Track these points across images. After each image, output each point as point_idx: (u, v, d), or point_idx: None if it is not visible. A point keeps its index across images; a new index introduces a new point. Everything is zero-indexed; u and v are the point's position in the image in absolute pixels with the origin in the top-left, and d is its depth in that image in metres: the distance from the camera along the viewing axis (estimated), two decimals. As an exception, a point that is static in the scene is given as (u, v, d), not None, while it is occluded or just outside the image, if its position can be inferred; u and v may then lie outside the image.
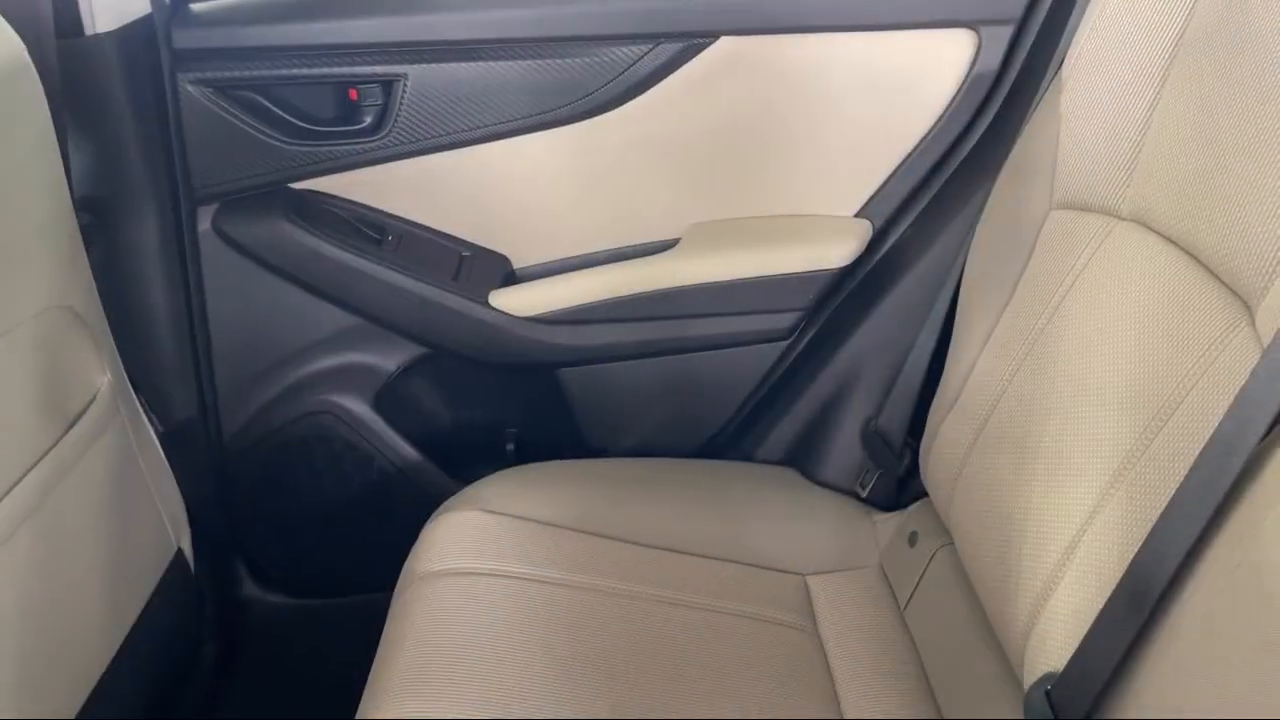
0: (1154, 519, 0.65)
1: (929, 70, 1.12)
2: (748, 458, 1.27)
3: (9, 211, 0.87)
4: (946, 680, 0.94)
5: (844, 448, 1.21)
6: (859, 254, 1.19)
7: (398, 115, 1.14)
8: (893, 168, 1.17)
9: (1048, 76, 1.03)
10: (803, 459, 1.24)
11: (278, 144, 1.14)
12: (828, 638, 1.01)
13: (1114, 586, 0.67)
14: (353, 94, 1.14)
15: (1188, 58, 0.81)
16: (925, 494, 1.05)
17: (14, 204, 0.88)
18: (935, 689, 0.95)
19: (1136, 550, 0.65)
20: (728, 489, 1.19)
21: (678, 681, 0.92)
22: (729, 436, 1.28)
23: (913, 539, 1.07)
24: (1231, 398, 0.61)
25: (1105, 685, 0.65)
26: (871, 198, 1.19)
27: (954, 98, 1.13)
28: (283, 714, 1.26)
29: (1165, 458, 0.69)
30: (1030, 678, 0.75)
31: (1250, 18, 0.73)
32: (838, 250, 1.18)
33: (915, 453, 1.08)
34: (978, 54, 1.11)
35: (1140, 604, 0.64)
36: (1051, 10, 1.07)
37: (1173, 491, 0.64)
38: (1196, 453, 0.63)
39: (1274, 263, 0.65)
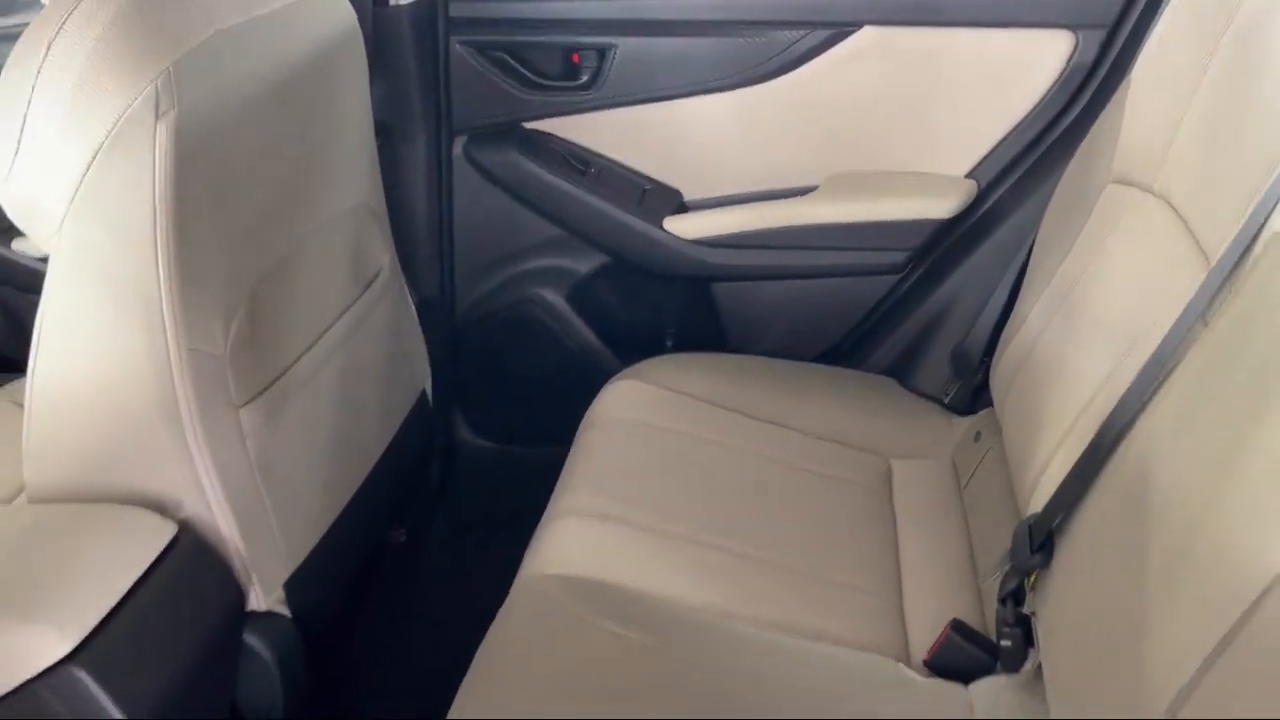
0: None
1: (1033, 62, 1.38)
2: (857, 367, 1.57)
3: (343, 134, 1.26)
4: (985, 535, 1.24)
5: (935, 364, 1.50)
6: (964, 208, 1.46)
7: (608, 76, 1.48)
8: (997, 140, 1.43)
9: (1129, 73, 1.27)
10: (900, 371, 1.54)
11: (516, 93, 1.51)
12: (898, 501, 1.32)
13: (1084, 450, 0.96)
14: (575, 58, 1.49)
15: (1219, 64, 1.04)
16: (991, 403, 1.34)
17: (345, 129, 1.27)
18: (974, 543, 1.25)
19: (1102, 422, 0.94)
20: (836, 387, 1.50)
21: (781, 513, 1.26)
22: (843, 349, 1.59)
23: (977, 436, 1.36)
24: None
25: (1059, 523, 0.95)
26: (978, 163, 1.46)
27: (1052, 86, 1.38)
28: (480, 527, 1.67)
29: (1134, 365, 0.97)
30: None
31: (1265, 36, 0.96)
32: (946, 203, 1.46)
33: (988, 370, 1.36)
34: (1075, 51, 1.36)
35: (1096, 460, 0.92)
36: (1139, 18, 1.31)
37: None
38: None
39: (1231, 225, 0.90)
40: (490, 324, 1.66)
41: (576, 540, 1.17)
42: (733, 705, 0.96)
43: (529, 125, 1.55)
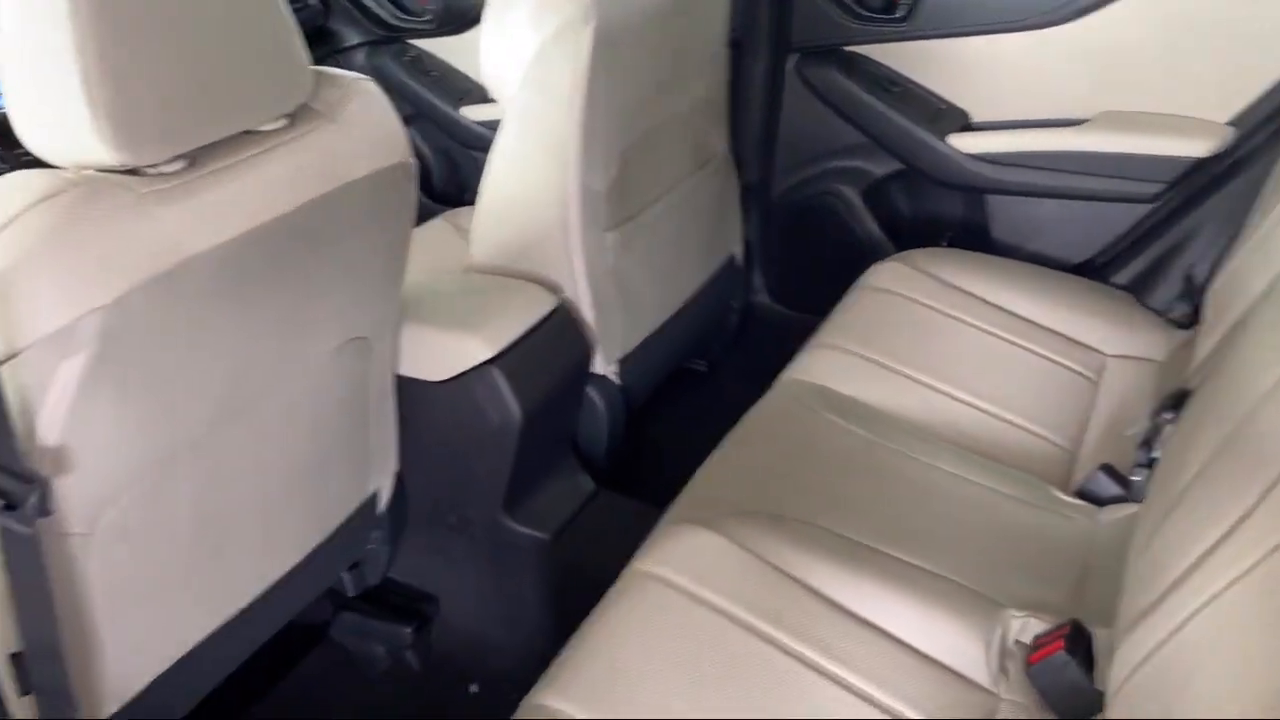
0: None
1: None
2: (1101, 280, 1.81)
3: (703, 44, 1.70)
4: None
5: (1169, 287, 1.72)
6: (1219, 151, 1.65)
7: (921, 12, 1.80)
8: (1260, 93, 1.61)
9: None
10: (1139, 289, 1.77)
11: (844, 21, 1.87)
12: (1102, 389, 1.59)
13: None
14: (896, -5, 1.83)
15: None
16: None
17: (704, 40, 1.71)
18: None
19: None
20: (1077, 294, 1.75)
21: (997, 377, 1.57)
22: (1093, 264, 1.83)
23: (1187, 346, 1.58)
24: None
25: (1195, 386, 1.21)
26: (1239, 113, 1.64)
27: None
28: (763, 373, 2.09)
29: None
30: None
31: None
32: (1203, 144, 1.66)
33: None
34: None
35: (1229, 340, 1.18)
36: None
37: None
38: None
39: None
40: (796, 209, 2.06)
41: (824, 363, 1.57)
42: (928, 495, 1.33)
43: (849, 49, 1.91)
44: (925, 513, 1.30)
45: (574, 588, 1.17)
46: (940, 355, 1.59)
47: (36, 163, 0.91)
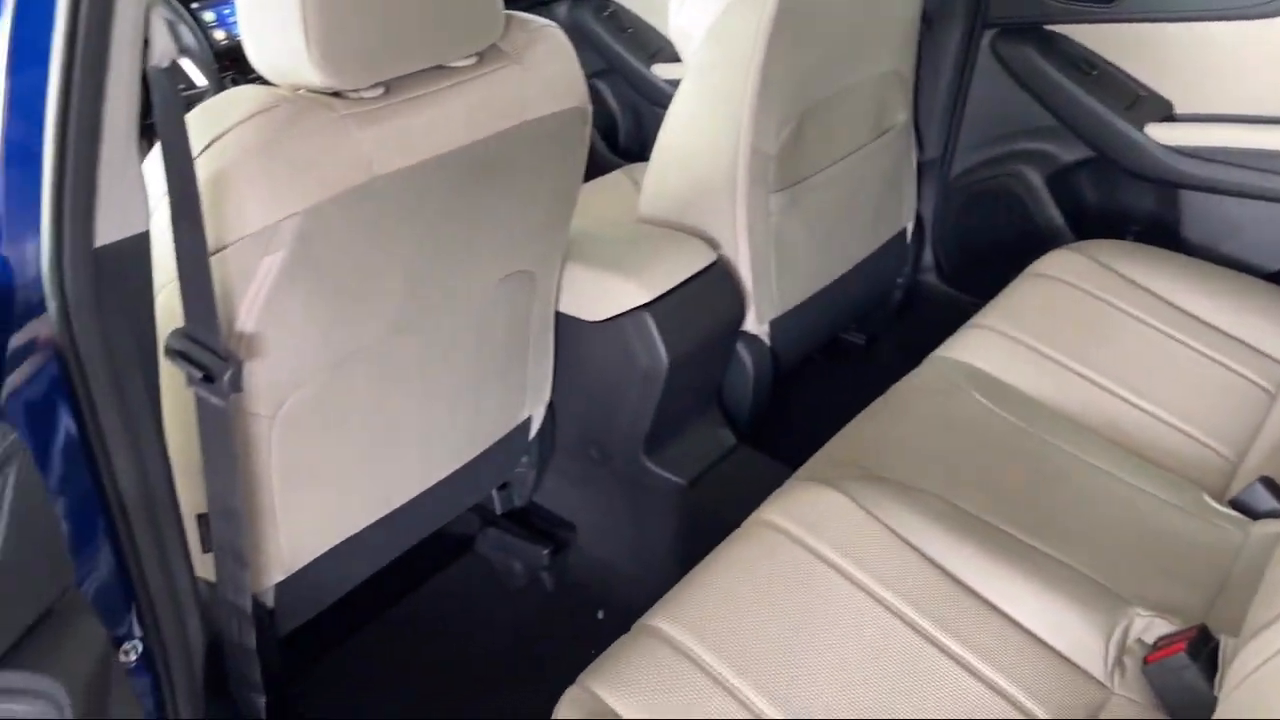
0: None
1: None
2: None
3: (892, 12, 1.69)
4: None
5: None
6: None
7: (1126, -8, 1.73)
8: None
9: None
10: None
11: (1046, -1, 1.81)
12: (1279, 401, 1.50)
13: None
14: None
15: None
16: None
17: (893, 8, 1.69)
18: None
19: None
20: (1266, 299, 1.65)
21: (1165, 375, 1.51)
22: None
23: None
24: None
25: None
26: None
27: None
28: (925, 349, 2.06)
29: None
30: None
31: None
32: None
33: None
34: None
35: None
36: None
37: None
38: None
39: None
40: (975, 189, 2.02)
41: (980, 344, 1.55)
42: (1070, 487, 1.31)
43: (1049, 27, 1.85)
44: (1064, 503, 1.28)
45: (703, 533, 1.22)
46: (1105, 349, 1.54)
47: (264, 84, 1.03)
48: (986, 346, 1.55)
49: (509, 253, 1.30)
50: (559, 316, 1.50)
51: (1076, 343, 1.55)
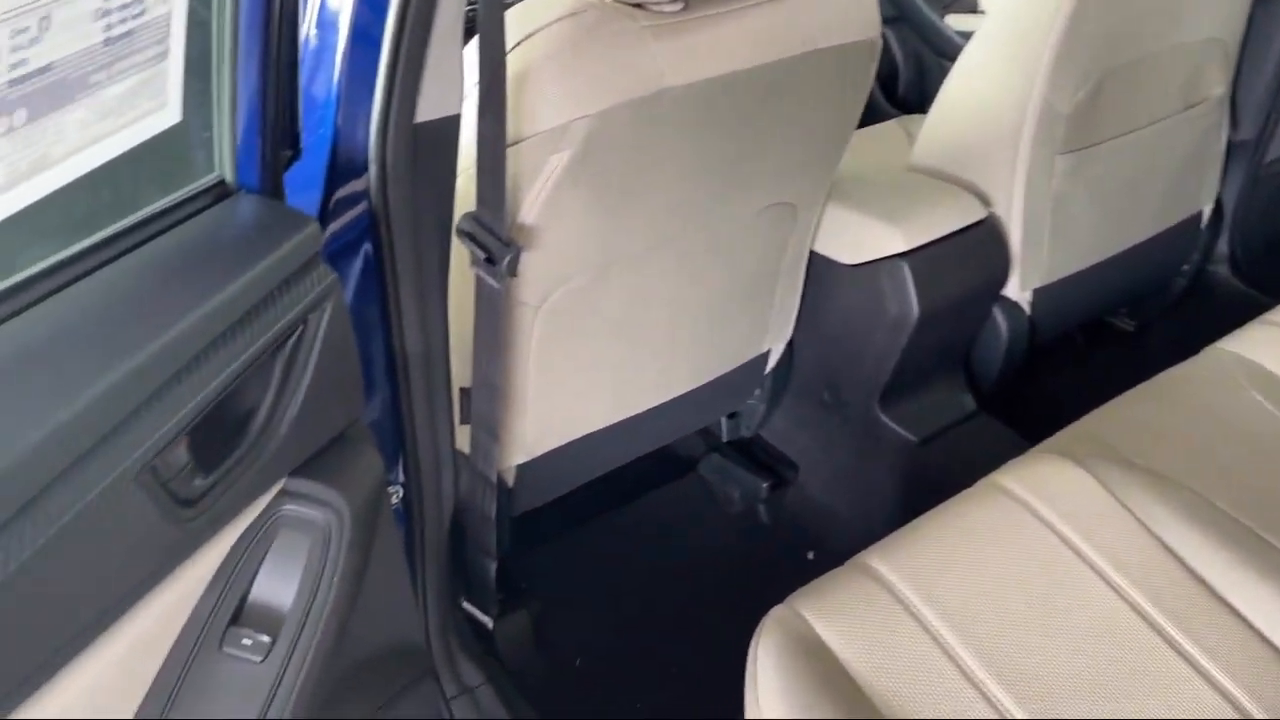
0: None
1: None
2: None
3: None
4: None
5: None
6: None
7: None
8: None
9: None
10: None
11: None
12: None
13: None
14: None
15: None
16: None
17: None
18: None
19: None
20: None
21: None
22: None
23: None
24: None
25: None
26: None
27: None
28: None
29: None
30: None
31: None
32: None
33: None
34: None
35: None
36: None
37: None
38: None
39: None
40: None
41: (1269, 340, 1.41)
42: None
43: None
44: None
45: (928, 493, 1.20)
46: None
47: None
48: (1274, 344, 1.42)
49: (776, 182, 1.32)
50: (813, 255, 1.50)
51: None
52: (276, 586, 0.74)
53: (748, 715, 0.96)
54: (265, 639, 0.72)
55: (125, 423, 0.62)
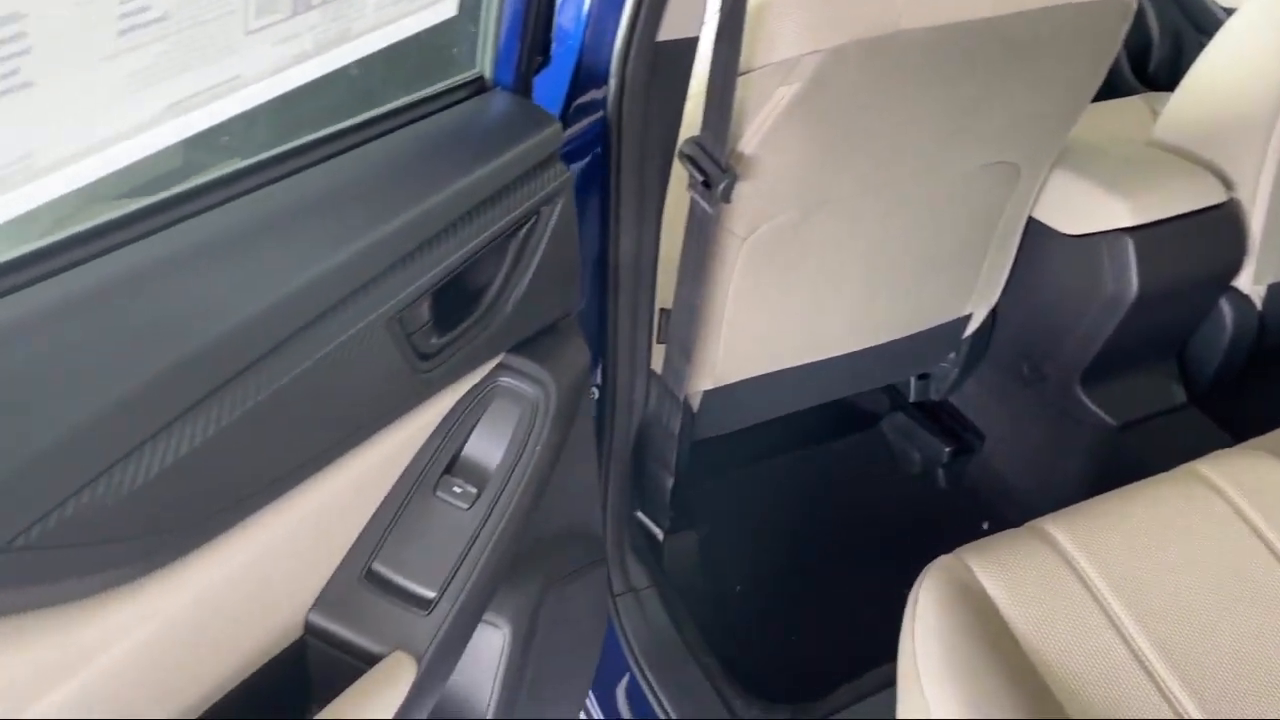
0: None
1: None
2: None
3: None
4: None
5: None
6: None
7: None
8: None
9: None
10: None
11: None
12: None
13: None
14: None
15: None
16: None
17: None
18: None
19: None
20: None
21: None
22: None
23: None
24: None
25: None
26: None
27: None
28: None
29: None
30: None
31: None
32: None
33: None
34: None
35: None
36: None
37: None
38: None
39: None
40: None
41: None
42: None
43: None
44: None
45: (1121, 480, 1.17)
46: None
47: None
48: None
49: (1001, 139, 1.29)
50: (1030, 221, 1.46)
51: None
52: (487, 447, 0.82)
53: (902, 652, 0.98)
54: (473, 490, 0.80)
55: (380, 276, 0.70)
